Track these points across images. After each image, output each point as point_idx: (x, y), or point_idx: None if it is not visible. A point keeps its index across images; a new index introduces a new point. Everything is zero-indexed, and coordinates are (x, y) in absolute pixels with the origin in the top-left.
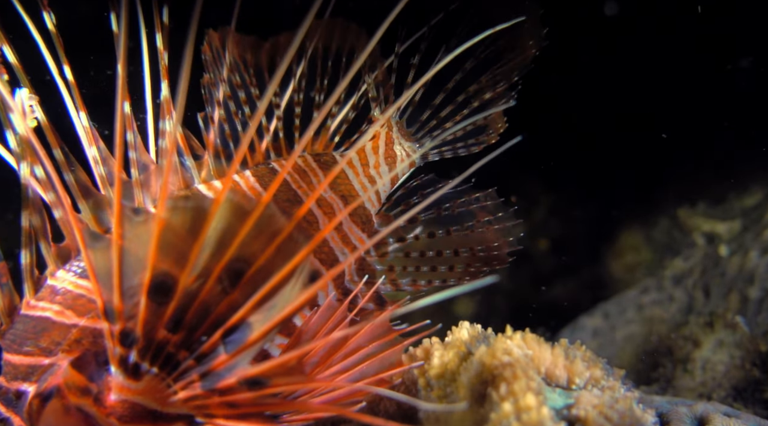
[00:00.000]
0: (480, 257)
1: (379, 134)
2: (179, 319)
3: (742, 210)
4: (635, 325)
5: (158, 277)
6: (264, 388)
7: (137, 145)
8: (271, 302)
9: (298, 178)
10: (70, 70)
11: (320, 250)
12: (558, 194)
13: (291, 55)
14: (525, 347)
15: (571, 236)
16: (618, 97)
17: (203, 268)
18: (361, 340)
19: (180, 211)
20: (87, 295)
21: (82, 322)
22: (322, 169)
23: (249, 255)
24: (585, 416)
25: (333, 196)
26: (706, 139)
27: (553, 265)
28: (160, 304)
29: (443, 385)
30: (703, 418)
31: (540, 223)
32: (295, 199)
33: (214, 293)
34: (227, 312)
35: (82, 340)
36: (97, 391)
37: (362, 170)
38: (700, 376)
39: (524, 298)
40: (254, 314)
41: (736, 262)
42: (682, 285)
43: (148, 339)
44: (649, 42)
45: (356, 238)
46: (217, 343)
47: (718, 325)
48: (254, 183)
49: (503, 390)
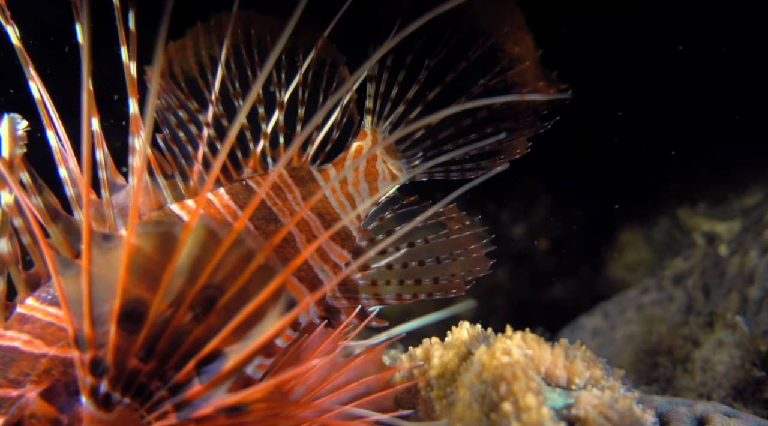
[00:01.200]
0: (462, 263)
1: (361, 149)
2: (151, 347)
3: (742, 210)
4: (635, 325)
5: (128, 305)
6: (243, 414)
7: (107, 164)
8: (246, 331)
9: (273, 195)
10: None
11: (299, 268)
12: (558, 194)
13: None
14: (525, 347)
15: (571, 236)
16: (618, 97)
17: (175, 295)
18: (351, 373)
19: (150, 236)
20: (56, 323)
21: (51, 351)
22: (298, 186)
23: (222, 281)
24: (585, 416)
25: (310, 215)
26: (706, 139)
27: (553, 265)
28: (130, 332)
29: (443, 385)
30: (703, 418)
31: (540, 223)
32: (270, 217)
33: (186, 321)
34: (201, 340)
35: (52, 370)
36: (68, 422)
37: (340, 188)
38: (700, 376)
39: (524, 298)
40: (229, 343)
41: (736, 262)
42: (682, 285)
43: (119, 368)
44: (648, 42)
45: (336, 255)
46: (191, 373)
47: (718, 325)
48: (228, 201)
49: (503, 390)
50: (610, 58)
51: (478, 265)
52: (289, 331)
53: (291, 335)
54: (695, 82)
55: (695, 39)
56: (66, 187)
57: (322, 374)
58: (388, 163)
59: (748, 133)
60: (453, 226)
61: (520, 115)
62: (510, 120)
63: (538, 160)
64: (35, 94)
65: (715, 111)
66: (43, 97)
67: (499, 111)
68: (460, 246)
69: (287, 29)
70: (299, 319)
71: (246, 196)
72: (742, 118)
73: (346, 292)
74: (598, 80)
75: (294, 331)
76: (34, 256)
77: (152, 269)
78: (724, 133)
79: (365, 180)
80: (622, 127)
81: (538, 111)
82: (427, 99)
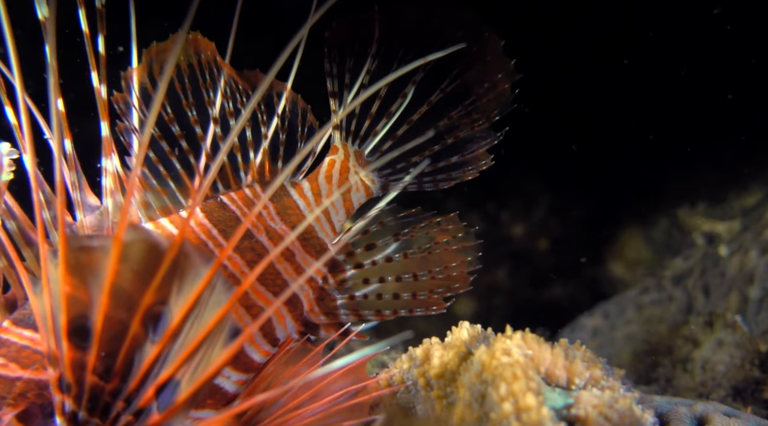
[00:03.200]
0: (440, 280)
1: (334, 162)
2: (109, 365)
3: (742, 210)
4: (635, 324)
5: (75, 320)
6: None
7: (82, 185)
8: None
9: (248, 212)
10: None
11: (274, 283)
12: (558, 194)
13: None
14: (525, 347)
15: (571, 236)
16: (618, 96)
17: (121, 310)
18: (333, 385)
19: (84, 250)
20: (31, 346)
21: (26, 374)
22: (272, 201)
23: (169, 298)
24: (585, 416)
25: (284, 228)
26: (707, 139)
27: (553, 265)
28: (82, 348)
29: (443, 385)
30: (702, 418)
31: (540, 223)
32: (245, 233)
33: (139, 340)
34: (158, 361)
35: (27, 392)
36: None
37: (314, 200)
38: (700, 376)
39: (524, 298)
40: (182, 371)
41: (736, 261)
42: (681, 285)
43: (80, 385)
44: (648, 41)
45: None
46: (150, 399)
47: (718, 325)
48: (203, 219)
49: (503, 390)
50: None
51: (457, 282)
52: (267, 346)
53: (269, 351)
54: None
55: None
56: (42, 210)
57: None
58: (360, 174)
59: (748, 133)
60: (441, 239)
61: (475, 122)
62: (467, 127)
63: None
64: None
65: (715, 110)
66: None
67: (458, 118)
68: (441, 263)
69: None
70: (278, 334)
71: (221, 214)
72: (742, 118)
73: (325, 308)
74: (597, 80)
75: (273, 346)
76: (10, 279)
77: (89, 284)
78: (724, 132)
79: None
80: (622, 127)
81: (490, 117)
82: (391, 111)
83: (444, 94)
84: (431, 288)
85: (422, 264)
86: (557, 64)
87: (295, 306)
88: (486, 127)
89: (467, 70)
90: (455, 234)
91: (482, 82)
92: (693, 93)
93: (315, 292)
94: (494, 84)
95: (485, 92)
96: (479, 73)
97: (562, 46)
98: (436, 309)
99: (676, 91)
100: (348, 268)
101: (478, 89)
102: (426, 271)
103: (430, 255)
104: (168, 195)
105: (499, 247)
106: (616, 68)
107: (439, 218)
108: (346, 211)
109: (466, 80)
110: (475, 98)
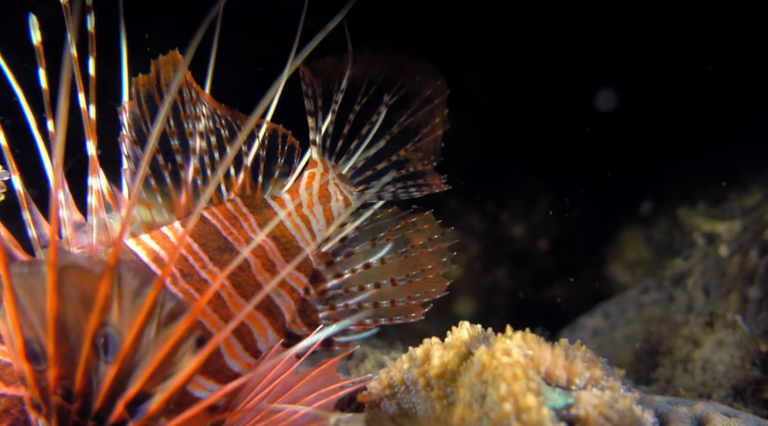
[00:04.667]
0: (417, 285)
1: (313, 175)
2: (68, 386)
3: (742, 210)
4: (635, 325)
5: (28, 344)
6: None
7: (68, 203)
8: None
9: (229, 225)
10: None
11: (254, 295)
12: (558, 194)
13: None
14: (525, 347)
15: (571, 236)
16: (618, 96)
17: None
18: (305, 388)
19: (23, 277)
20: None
21: (9, 391)
22: (253, 214)
23: (110, 322)
24: (585, 416)
25: (265, 239)
26: (707, 139)
27: (553, 265)
28: (39, 371)
29: (443, 385)
30: (703, 418)
31: (540, 223)
32: (225, 247)
33: (92, 362)
34: (121, 380)
35: (11, 409)
36: None
37: (296, 211)
38: (700, 376)
39: (524, 298)
40: (155, 383)
41: (736, 261)
42: (682, 285)
43: (48, 405)
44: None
45: (292, 279)
46: (123, 414)
47: (718, 325)
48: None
49: (503, 390)
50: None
51: (434, 287)
52: (249, 359)
53: (250, 362)
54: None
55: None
56: (28, 229)
57: (276, 392)
58: (340, 186)
59: (748, 133)
60: (417, 242)
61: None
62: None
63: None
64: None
65: (715, 110)
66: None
67: (411, 152)
68: (418, 266)
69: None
70: (259, 347)
71: (201, 228)
72: (742, 118)
73: (306, 318)
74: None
75: (255, 358)
76: None
77: (35, 309)
78: (724, 132)
79: (319, 202)
80: (622, 127)
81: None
82: (361, 134)
83: (401, 127)
84: (409, 293)
85: (400, 268)
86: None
87: (277, 318)
88: (430, 168)
89: (418, 110)
90: (431, 235)
91: (427, 124)
92: (693, 93)
93: (297, 303)
94: (433, 128)
95: (427, 134)
96: (426, 115)
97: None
98: (414, 316)
99: (676, 90)
100: (328, 278)
101: (423, 129)
102: (404, 275)
103: (407, 259)
104: (155, 209)
105: (499, 247)
106: (616, 68)
107: (415, 218)
108: (326, 221)
109: (417, 119)
110: (420, 137)
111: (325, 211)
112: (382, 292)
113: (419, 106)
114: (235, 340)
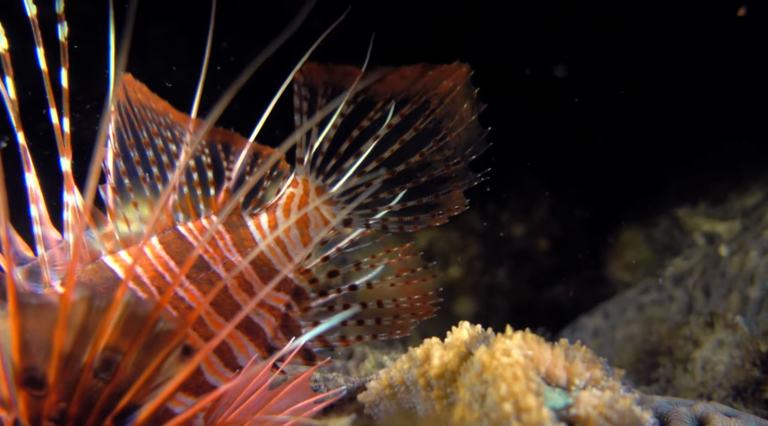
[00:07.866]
0: (404, 309)
1: (293, 196)
2: (63, 410)
3: (742, 210)
4: (635, 325)
5: (27, 371)
6: None
7: (43, 219)
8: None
9: (205, 243)
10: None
11: (232, 314)
12: (558, 194)
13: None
14: (525, 347)
15: (571, 236)
16: (618, 96)
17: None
18: (280, 402)
19: (30, 309)
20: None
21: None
22: (229, 232)
23: (116, 343)
24: (585, 416)
25: (239, 259)
26: (707, 139)
27: (553, 265)
28: (37, 397)
29: (443, 385)
30: (703, 418)
31: (540, 223)
32: (201, 265)
33: (92, 383)
34: (114, 397)
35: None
36: None
37: (269, 233)
38: (700, 376)
39: (524, 298)
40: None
41: (736, 262)
42: (682, 285)
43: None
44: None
45: (272, 299)
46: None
47: (718, 325)
48: (161, 251)
49: (503, 390)
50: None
51: (421, 311)
52: (229, 374)
53: (229, 377)
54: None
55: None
56: None
57: (252, 406)
58: (321, 210)
59: (748, 133)
60: (401, 273)
61: (449, 160)
62: (441, 165)
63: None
64: None
65: (715, 110)
66: None
67: (430, 155)
68: (405, 294)
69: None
70: (240, 363)
71: (179, 245)
72: (742, 118)
73: (289, 334)
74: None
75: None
76: None
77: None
78: (724, 132)
79: (296, 227)
80: (622, 126)
81: (465, 155)
82: (360, 151)
83: (417, 132)
84: (396, 314)
85: (386, 294)
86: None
87: (257, 334)
88: (462, 167)
89: (437, 107)
90: (414, 267)
91: (450, 115)
92: (693, 92)
93: (278, 319)
94: (461, 117)
95: (454, 126)
96: (447, 105)
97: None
98: (400, 333)
99: (677, 90)
100: (313, 296)
101: (447, 122)
102: (390, 299)
103: (393, 287)
104: (133, 224)
105: (499, 247)
106: (615, 68)
107: (396, 247)
108: (303, 246)
109: (437, 116)
110: (444, 133)
111: (303, 237)
112: (368, 312)
113: (438, 103)
114: (215, 358)
